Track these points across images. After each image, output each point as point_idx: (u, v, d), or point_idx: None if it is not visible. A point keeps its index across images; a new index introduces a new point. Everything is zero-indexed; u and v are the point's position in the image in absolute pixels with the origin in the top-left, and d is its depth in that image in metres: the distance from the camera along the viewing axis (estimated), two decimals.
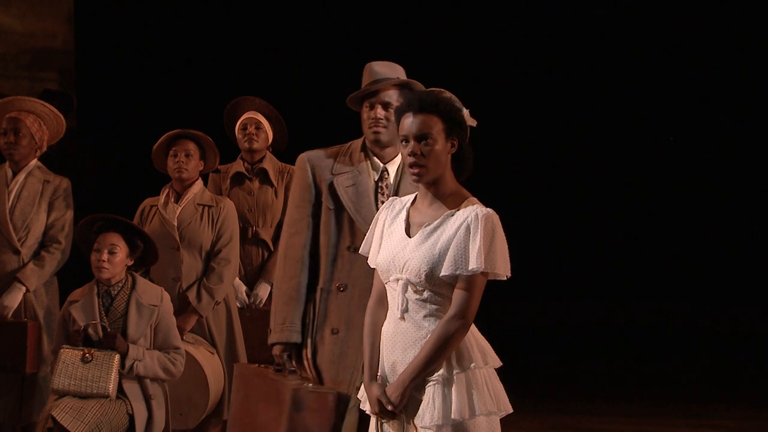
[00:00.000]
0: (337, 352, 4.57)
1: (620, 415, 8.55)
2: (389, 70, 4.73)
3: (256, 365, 5.29)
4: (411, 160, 3.84)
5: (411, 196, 4.00)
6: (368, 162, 4.70)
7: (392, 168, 4.69)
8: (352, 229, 4.61)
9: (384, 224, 3.99)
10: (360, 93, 4.69)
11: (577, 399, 9.26)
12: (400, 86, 4.67)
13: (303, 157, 4.75)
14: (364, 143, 4.73)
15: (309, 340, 4.62)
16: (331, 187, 4.65)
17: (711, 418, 8.46)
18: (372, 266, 4.02)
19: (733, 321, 13.74)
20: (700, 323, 13.75)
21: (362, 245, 4.07)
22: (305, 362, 4.61)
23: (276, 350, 4.62)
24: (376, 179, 4.67)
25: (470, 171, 3.95)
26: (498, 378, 3.89)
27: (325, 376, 4.56)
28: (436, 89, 3.96)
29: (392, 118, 4.52)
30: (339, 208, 4.64)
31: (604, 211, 14.23)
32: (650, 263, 14.28)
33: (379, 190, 4.66)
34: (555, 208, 14.20)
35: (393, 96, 4.65)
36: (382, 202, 4.39)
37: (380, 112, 4.63)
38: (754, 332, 12.81)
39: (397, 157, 4.63)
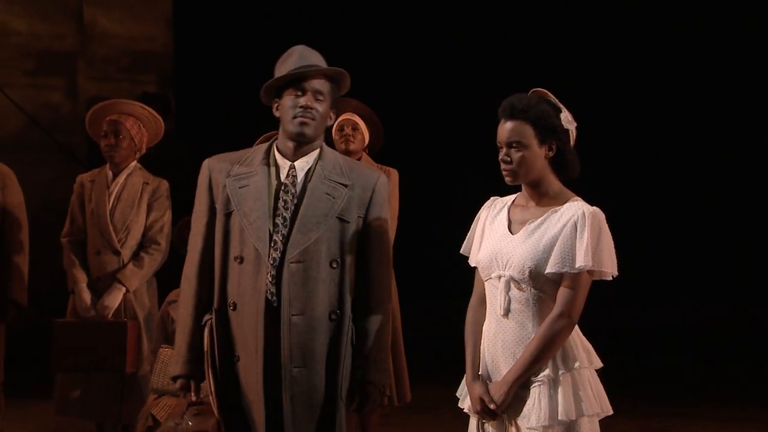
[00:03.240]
0: (243, 381, 4.05)
1: (708, 418, 8.42)
2: (318, 59, 4.17)
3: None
4: (503, 166, 3.84)
5: (512, 196, 3.99)
6: (271, 162, 4.13)
7: (302, 164, 4.11)
8: (241, 237, 4.03)
9: (485, 222, 3.98)
10: (292, 75, 4.07)
11: (665, 402, 9.14)
12: (332, 78, 4.15)
13: (205, 161, 4.21)
14: (271, 143, 4.20)
15: (210, 371, 4.08)
16: (225, 191, 4.08)
17: None
18: (473, 264, 4.00)
19: None
20: None
21: (463, 244, 4.05)
22: (210, 397, 4.11)
23: (177, 384, 4.20)
24: (283, 178, 4.09)
25: (575, 173, 3.90)
26: (599, 379, 3.86)
27: (235, 412, 4.07)
28: (539, 90, 3.92)
29: (322, 110, 4.09)
30: (230, 213, 4.07)
31: (695, 213, 14.08)
32: (746, 263, 14.07)
33: (283, 188, 4.07)
34: (645, 210, 14.08)
35: (325, 87, 4.10)
36: (285, 202, 4.05)
37: (311, 100, 4.07)
38: None
39: (312, 154, 4.13)
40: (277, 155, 4.14)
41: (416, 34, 13.58)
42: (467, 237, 4.03)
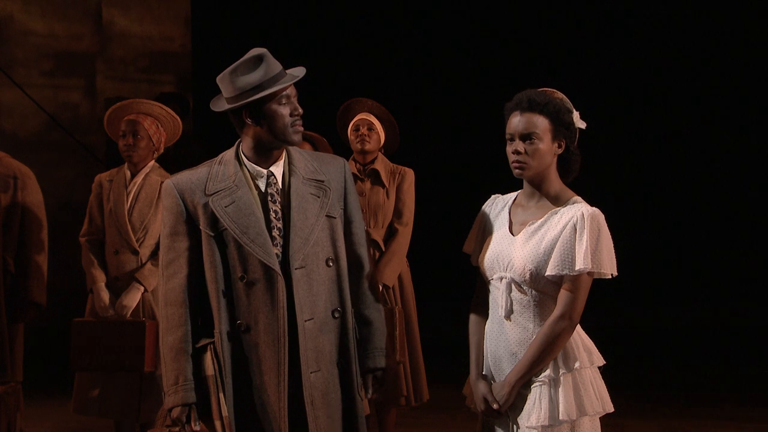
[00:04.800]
0: (258, 403, 3.98)
1: (742, 419, 8.40)
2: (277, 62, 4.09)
3: (161, 428, 5.15)
4: (514, 158, 3.85)
5: (513, 194, 4.01)
6: (245, 171, 4.04)
7: (278, 170, 4.06)
8: (241, 256, 3.95)
9: (486, 222, 4.01)
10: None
11: (694, 403, 9.11)
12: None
13: (168, 182, 4.04)
14: (237, 151, 4.09)
15: (221, 395, 3.96)
16: (208, 210, 3.96)
17: None
18: (474, 264, 4.02)
19: None
20: None
21: (465, 243, 4.07)
22: (216, 423, 3.97)
23: (174, 413, 4.02)
24: (263, 188, 4.03)
25: (576, 173, 3.94)
26: (601, 377, 3.88)
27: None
28: (549, 89, 3.94)
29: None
30: (220, 233, 3.97)
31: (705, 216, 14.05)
32: (746, 262, 14.04)
33: (270, 198, 4.02)
34: (664, 210, 14.06)
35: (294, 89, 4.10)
36: (275, 212, 4.00)
37: (298, 107, 4.05)
38: None
39: (282, 156, 4.08)
40: (249, 163, 4.06)
41: (432, 34, 13.58)
42: (469, 236, 4.05)
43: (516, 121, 3.86)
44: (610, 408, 3.86)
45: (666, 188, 14.19)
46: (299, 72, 4.08)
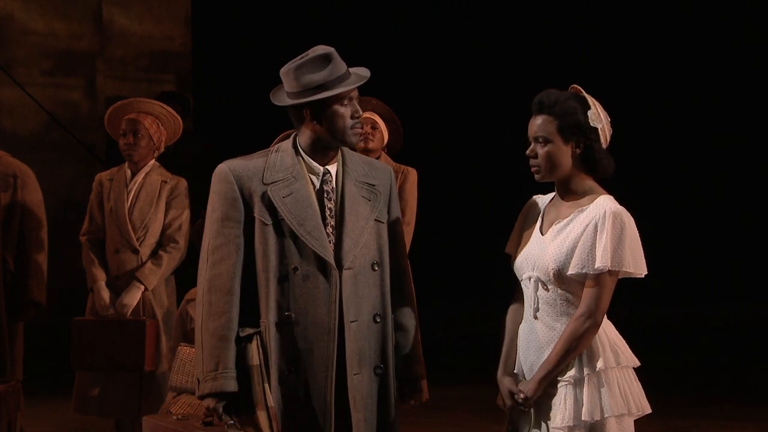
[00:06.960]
0: (303, 397, 3.92)
1: (743, 419, 8.39)
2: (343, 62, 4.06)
3: (174, 418, 4.90)
4: (530, 162, 3.83)
5: (552, 194, 3.97)
6: (303, 165, 4.01)
7: (333, 169, 4.03)
8: (297, 247, 3.89)
9: (523, 222, 4.00)
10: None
11: (694, 403, 9.11)
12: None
13: (223, 167, 3.97)
14: (295, 144, 4.06)
15: (266, 386, 3.86)
16: (265, 199, 3.91)
17: None
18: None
19: None
20: None
21: (507, 245, 4.04)
22: (260, 413, 3.86)
23: (209, 402, 3.88)
24: (318, 184, 3.99)
25: (607, 172, 3.86)
26: (635, 378, 3.87)
27: (294, 426, 3.92)
28: (574, 87, 3.89)
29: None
30: (277, 222, 3.90)
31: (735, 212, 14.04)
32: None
33: (325, 195, 3.98)
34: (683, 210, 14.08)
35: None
36: (330, 209, 3.97)
37: (359, 109, 4.03)
38: None
39: (337, 157, 4.05)
40: (307, 158, 4.03)
41: (436, 32, 13.58)
42: (510, 237, 4.03)
43: (531, 124, 3.84)
44: (645, 409, 3.83)
45: (668, 187, 14.19)
46: (365, 73, 4.06)
